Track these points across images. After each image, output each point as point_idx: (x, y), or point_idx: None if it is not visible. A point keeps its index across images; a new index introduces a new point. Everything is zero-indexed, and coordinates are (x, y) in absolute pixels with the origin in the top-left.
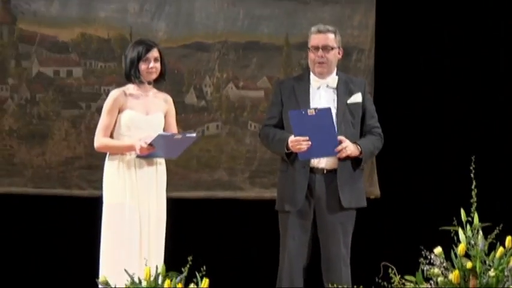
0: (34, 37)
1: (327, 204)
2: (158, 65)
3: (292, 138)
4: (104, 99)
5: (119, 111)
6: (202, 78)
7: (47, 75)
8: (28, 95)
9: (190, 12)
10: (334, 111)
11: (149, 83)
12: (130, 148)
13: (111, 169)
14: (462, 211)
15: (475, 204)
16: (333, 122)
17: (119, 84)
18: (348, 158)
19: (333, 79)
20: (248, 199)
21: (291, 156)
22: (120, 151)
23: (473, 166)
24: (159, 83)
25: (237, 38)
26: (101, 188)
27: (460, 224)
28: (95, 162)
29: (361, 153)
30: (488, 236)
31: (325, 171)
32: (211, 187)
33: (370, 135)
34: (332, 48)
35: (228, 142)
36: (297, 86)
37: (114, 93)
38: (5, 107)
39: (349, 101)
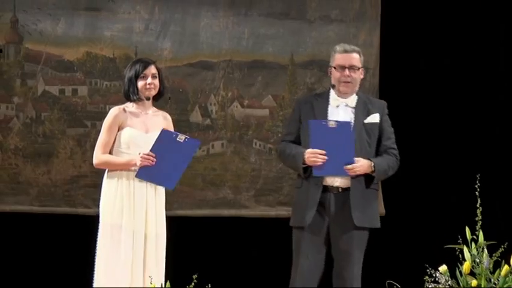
0: (40, 56)
1: (340, 223)
2: (156, 81)
3: (309, 149)
4: None
5: (119, 129)
6: (207, 97)
7: (52, 94)
8: (33, 114)
9: (195, 32)
10: None
11: (147, 98)
12: (130, 163)
13: (109, 188)
14: (467, 229)
15: (480, 222)
16: (352, 137)
17: (124, 103)
18: (360, 175)
19: (352, 98)
20: (253, 217)
21: (307, 171)
22: (119, 167)
23: (478, 184)
24: (157, 100)
25: (242, 57)
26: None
27: (465, 242)
28: (100, 180)
29: (374, 170)
30: (493, 254)
31: (339, 190)
32: (216, 205)
33: (385, 154)
34: (358, 68)
35: (233, 160)
36: (316, 104)
37: (114, 110)
38: (11, 125)
39: (366, 121)
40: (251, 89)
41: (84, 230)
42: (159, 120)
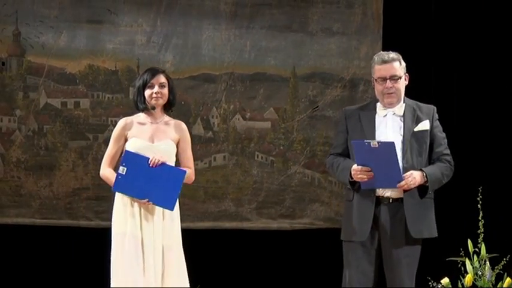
0: (42, 69)
1: (392, 235)
2: (164, 90)
3: (354, 166)
4: (111, 131)
5: (126, 140)
6: (209, 110)
7: (54, 107)
8: (36, 127)
9: (197, 44)
10: (400, 139)
11: (153, 108)
12: None
13: (118, 198)
14: (469, 242)
15: (482, 235)
16: (396, 157)
17: (126, 116)
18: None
19: (400, 107)
20: (255, 230)
21: (356, 185)
22: None
23: (481, 197)
24: (168, 110)
25: (244, 69)
26: (108, 219)
27: (467, 254)
28: (102, 193)
29: (426, 181)
30: (496, 267)
31: (390, 200)
32: (218, 218)
33: (438, 162)
34: (400, 78)
35: (235, 173)
36: (363, 114)
37: (121, 121)
38: (13, 138)
39: (416, 129)
40: (253, 102)
41: (86, 242)
42: (170, 130)
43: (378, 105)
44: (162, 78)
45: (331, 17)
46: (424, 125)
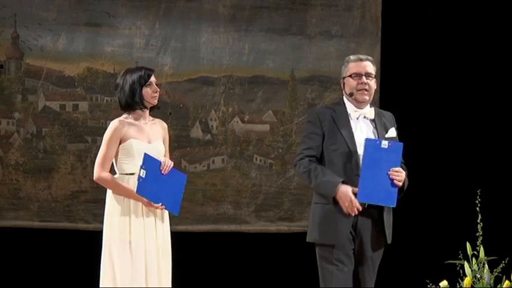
0: (40, 72)
1: (367, 239)
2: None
3: (353, 197)
4: None
5: (121, 141)
6: (207, 112)
7: (53, 110)
8: (34, 129)
9: (196, 47)
10: None
11: (152, 107)
12: (133, 195)
13: (116, 203)
14: (468, 245)
15: (481, 237)
16: (400, 159)
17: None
18: None
19: (370, 110)
20: (253, 232)
21: (336, 200)
22: (122, 194)
23: (479, 200)
24: (152, 110)
25: (243, 72)
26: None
27: (466, 257)
28: (100, 196)
29: (403, 184)
30: (494, 270)
31: (365, 205)
32: (217, 221)
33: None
34: (374, 77)
35: (234, 176)
36: (336, 116)
37: (114, 123)
38: (11, 141)
39: (386, 136)
40: (252, 105)
41: (85, 245)
42: (158, 129)
43: (349, 106)
44: (155, 78)
45: (329, 20)
46: (392, 132)
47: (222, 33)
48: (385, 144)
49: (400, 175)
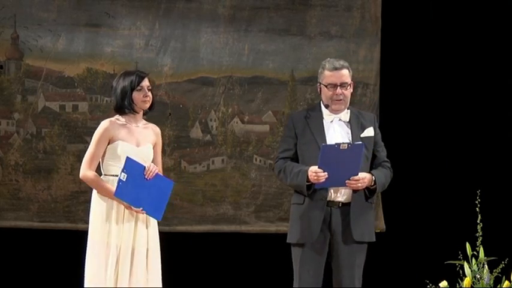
0: (40, 72)
1: (342, 238)
2: (150, 94)
3: (313, 168)
4: None
5: (109, 142)
6: (207, 113)
7: (52, 110)
8: (34, 130)
9: (196, 48)
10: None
11: (144, 112)
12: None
13: (99, 205)
14: (467, 245)
15: (481, 238)
16: (360, 159)
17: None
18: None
19: (345, 113)
20: (253, 233)
21: (311, 189)
22: (105, 194)
23: (479, 200)
24: (146, 114)
25: (242, 72)
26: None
27: (466, 257)
28: None
29: (374, 183)
30: (494, 270)
31: (340, 205)
32: (217, 221)
33: (381, 167)
34: (349, 85)
35: (233, 176)
36: (310, 119)
37: (105, 123)
38: (11, 141)
39: (362, 135)
40: (251, 105)
41: (84, 245)
42: (149, 133)
43: (324, 110)
44: (148, 82)
45: (329, 20)
46: (369, 132)
47: (222, 33)
48: (344, 146)
49: (355, 184)
